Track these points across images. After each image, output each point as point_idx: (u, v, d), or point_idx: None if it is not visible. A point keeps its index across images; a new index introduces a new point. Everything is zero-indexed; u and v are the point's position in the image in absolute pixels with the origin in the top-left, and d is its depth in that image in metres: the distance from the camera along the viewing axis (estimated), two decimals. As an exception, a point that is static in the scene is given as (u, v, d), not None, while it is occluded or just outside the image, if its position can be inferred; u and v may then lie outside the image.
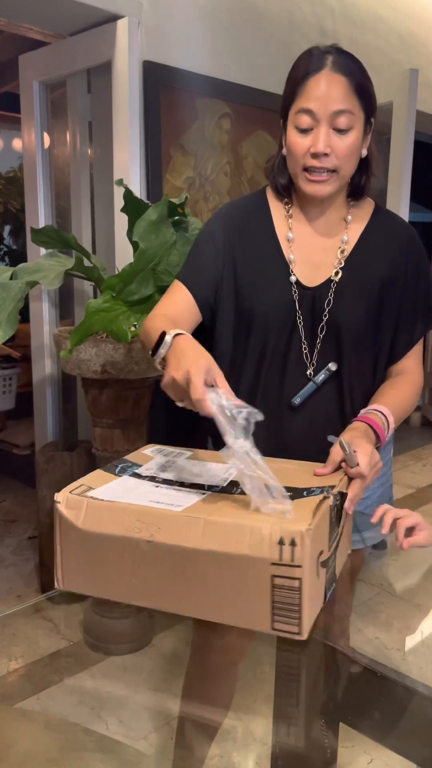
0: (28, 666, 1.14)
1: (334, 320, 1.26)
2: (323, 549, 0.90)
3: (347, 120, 1.16)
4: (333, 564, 0.97)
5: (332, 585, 0.97)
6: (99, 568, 0.94)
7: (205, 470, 1.04)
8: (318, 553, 0.88)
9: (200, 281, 1.28)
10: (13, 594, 2.69)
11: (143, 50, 2.48)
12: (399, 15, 3.62)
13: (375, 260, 1.28)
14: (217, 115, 2.79)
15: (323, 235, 1.29)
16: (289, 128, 1.20)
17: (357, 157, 1.22)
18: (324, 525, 0.91)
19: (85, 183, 2.75)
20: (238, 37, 2.79)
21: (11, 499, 3.73)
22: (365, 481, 1.04)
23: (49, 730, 0.89)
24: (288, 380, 1.27)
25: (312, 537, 0.84)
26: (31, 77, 2.72)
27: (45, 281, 1.87)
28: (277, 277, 1.27)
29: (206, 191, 2.81)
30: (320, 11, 3.14)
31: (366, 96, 1.19)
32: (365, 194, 1.31)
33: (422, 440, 4.91)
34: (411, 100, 2.87)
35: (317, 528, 0.87)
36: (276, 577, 0.85)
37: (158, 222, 1.89)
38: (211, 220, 1.34)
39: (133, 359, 1.99)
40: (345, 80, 1.15)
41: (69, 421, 2.99)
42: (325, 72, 1.15)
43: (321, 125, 1.16)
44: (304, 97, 1.16)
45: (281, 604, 0.85)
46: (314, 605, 0.89)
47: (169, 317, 1.20)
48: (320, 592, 0.91)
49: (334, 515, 0.95)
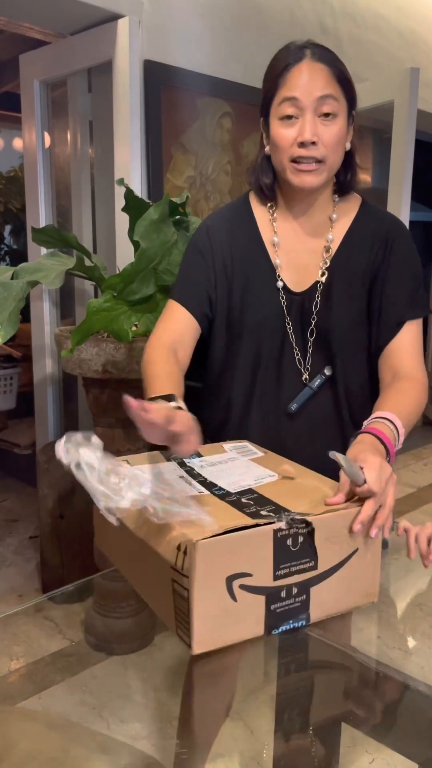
0: (29, 665, 1.14)
1: (322, 323, 1.25)
2: (250, 572, 0.85)
3: (332, 106, 1.15)
4: (302, 599, 0.90)
5: (299, 621, 0.91)
6: (110, 535, 1.04)
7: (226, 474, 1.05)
8: (231, 573, 0.84)
9: (195, 297, 1.27)
10: (14, 593, 2.69)
11: (144, 49, 2.48)
12: (400, 13, 3.62)
13: (359, 258, 1.26)
14: (218, 114, 2.79)
15: (309, 235, 1.28)
16: (273, 121, 1.19)
17: (343, 148, 1.20)
18: (252, 547, 0.85)
19: (86, 182, 2.75)
20: (239, 36, 2.79)
21: (12, 498, 3.73)
22: (380, 498, 0.91)
23: (50, 729, 0.88)
24: (284, 387, 1.27)
25: (207, 551, 0.81)
26: (31, 76, 2.72)
27: (46, 281, 1.87)
28: (265, 283, 1.27)
29: (207, 190, 2.81)
30: (321, 9, 3.14)
31: (347, 84, 1.18)
32: (351, 190, 1.29)
33: (423, 439, 4.90)
34: (412, 99, 2.87)
35: (225, 544, 0.82)
36: (174, 582, 0.85)
37: (159, 221, 1.89)
38: (196, 233, 1.32)
39: (134, 359, 1.99)
40: (326, 68, 1.15)
41: (70, 420, 2.99)
42: (306, 61, 1.15)
43: (306, 113, 1.15)
44: (286, 86, 1.15)
45: (178, 610, 0.85)
46: (218, 626, 0.85)
47: (169, 345, 1.22)
48: (240, 616, 0.86)
49: (290, 543, 0.87)
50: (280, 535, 0.86)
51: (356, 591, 0.95)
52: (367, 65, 3.42)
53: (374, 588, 0.96)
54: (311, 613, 0.91)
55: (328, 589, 0.91)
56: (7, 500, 3.71)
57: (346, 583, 0.93)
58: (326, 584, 0.91)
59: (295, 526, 0.87)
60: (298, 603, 0.90)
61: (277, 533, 0.86)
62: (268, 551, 0.86)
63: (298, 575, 0.89)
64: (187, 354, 1.26)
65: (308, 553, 0.89)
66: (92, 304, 1.89)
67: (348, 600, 0.94)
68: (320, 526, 0.89)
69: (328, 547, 0.90)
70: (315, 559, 0.90)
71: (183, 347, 1.25)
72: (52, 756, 0.81)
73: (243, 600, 0.86)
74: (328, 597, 0.92)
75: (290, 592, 0.89)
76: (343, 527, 0.91)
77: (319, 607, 0.92)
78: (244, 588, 0.86)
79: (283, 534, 0.86)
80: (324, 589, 0.91)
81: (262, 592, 0.87)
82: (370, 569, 0.95)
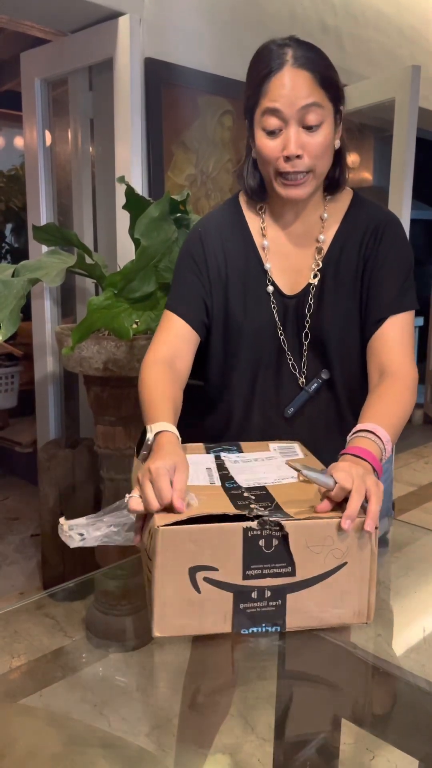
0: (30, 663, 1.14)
1: (316, 326, 1.23)
2: (215, 566, 0.85)
3: (316, 115, 1.10)
4: (276, 603, 0.88)
5: (272, 626, 0.89)
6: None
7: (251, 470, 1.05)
8: (195, 565, 0.84)
9: (191, 306, 1.25)
10: (15, 591, 2.70)
11: (145, 47, 2.47)
12: (401, 11, 3.61)
13: (350, 256, 1.23)
14: (218, 112, 2.79)
15: (301, 237, 1.25)
16: (257, 131, 1.15)
17: (331, 153, 1.17)
18: (219, 542, 0.85)
19: (87, 180, 2.75)
20: (240, 33, 2.79)
21: (13, 496, 3.73)
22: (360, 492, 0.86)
23: (51, 726, 0.89)
24: (283, 391, 1.25)
25: (168, 537, 0.83)
26: (32, 75, 2.72)
27: (47, 279, 1.87)
28: (258, 288, 1.25)
29: (208, 188, 2.81)
30: (322, 7, 3.14)
31: (332, 86, 1.13)
32: (342, 187, 1.25)
33: (424, 438, 4.90)
34: (413, 97, 2.86)
35: (189, 534, 0.84)
36: (146, 566, 0.89)
37: (160, 219, 1.89)
38: (189, 239, 1.29)
39: (135, 356, 1.99)
40: (308, 75, 1.09)
41: (71, 418, 3.00)
42: (287, 68, 1.09)
43: (290, 125, 1.11)
44: (268, 97, 1.11)
45: (149, 593, 0.88)
46: (181, 614, 0.86)
47: (166, 359, 1.19)
48: (205, 609, 0.86)
49: (262, 544, 0.86)
50: (251, 534, 0.85)
51: (345, 608, 0.90)
52: (368, 63, 3.42)
53: (365, 608, 0.90)
54: (288, 620, 0.89)
55: (309, 599, 0.88)
56: (8, 498, 3.71)
57: (332, 597, 0.89)
58: (307, 593, 0.88)
59: (268, 528, 0.85)
60: (272, 607, 0.88)
61: (248, 532, 0.85)
62: (237, 549, 0.85)
63: (271, 578, 0.87)
64: (187, 365, 1.24)
65: (284, 557, 0.87)
66: (93, 301, 1.89)
67: (334, 616, 0.90)
68: (297, 531, 0.86)
69: (309, 555, 0.87)
70: (292, 564, 0.87)
71: (181, 359, 1.22)
72: (53, 753, 0.82)
73: (208, 593, 0.86)
74: (309, 607, 0.89)
75: (262, 594, 0.87)
76: (328, 537, 0.87)
77: (298, 615, 0.89)
78: (209, 581, 0.86)
79: (254, 534, 0.85)
80: (304, 597, 0.88)
81: (229, 589, 0.86)
82: (361, 587, 0.89)
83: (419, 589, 1.23)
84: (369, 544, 0.88)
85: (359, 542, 0.87)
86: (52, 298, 2.84)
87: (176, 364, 1.21)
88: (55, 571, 2.62)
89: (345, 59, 3.26)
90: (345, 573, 0.88)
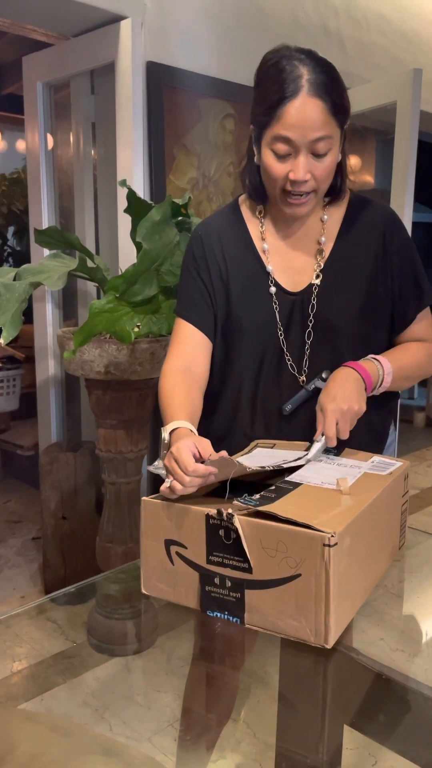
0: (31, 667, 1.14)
1: (318, 325, 1.25)
2: (185, 544, 0.94)
3: (326, 144, 1.12)
4: (236, 596, 0.90)
5: (233, 617, 0.91)
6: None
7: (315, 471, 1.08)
8: (169, 538, 0.95)
9: (199, 311, 1.28)
10: (16, 595, 2.70)
11: (146, 51, 2.48)
12: (403, 14, 3.61)
13: (356, 256, 1.26)
14: (220, 115, 2.79)
15: (302, 240, 1.28)
16: (265, 150, 1.16)
17: (334, 171, 1.19)
18: (188, 522, 0.93)
19: (89, 184, 2.75)
20: (242, 37, 2.79)
21: (15, 499, 3.73)
22: (330, 409, 1.09)
23: (53, 731, 0.88)
24: (284, 389, 1.27)
25: (148, 508, 0.96)
26: (34, 78, 2.73)
27: (48, 282, 1.87)
28: (259, 289, 1.27)
29: (210, 192, 2.81)
30: (324, 11, 3.14)
31: (343, 112, 1.15)
32: (342, 195, 1.27)
33: (427, 441, 4.90)
34: (415, 100, 2.86)
35: (164, 510, 0.95)
36: None
37: (162, 223, 1.89)
38: (191, 243, 1.32)
39: (137, 360, 1.99)
40: (322, 105, 1.10)
41: (72, 421, 2.99)
42: (302, 96, 1.09)
43: (300, 153, 1.13)
44: (280, 124, 1.11)
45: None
46: (161, 579, 0.97)
47: (183, 367, 1.24)
48: (177, 580, 0.95)
49: (222, 534, 0.89)
50: (212, 522, 0.91)
51: (301, 622, 0.86)
52: (369, 66, 3.42)
53: (322, 630, 0.85)
54: (247, 617, 0.90)
55: (266, 602, 0.88)
56: (10, 501, 3.71)
57: (288, 607, 0.87)
58: (264, 594, 0.88)
59: (226, 520, 0.89)
60: (233, 598, 0.91)
61: (209, 519, 0.91)
62: (201, 533, 0.92)
63: (231, 570, 0.91)
64: (204, 369, 1.28)
65: (241, 551, 0.89)
66: (94, 305, 1.89)
67: (291, 627, 0.87)
68: (249, 528, 0.87)
69: (264, 556, 0.87)
70: (247, 561, 0.89)
71: (197, 364, 1.26)
72: (55, 758, 0.81)
73: (179, 567, 0.95)
74: (267, 610, 0.89)
75: (224, 582, 0.91)
76: (280, 542, 0.86)
77: (256, 614, 0.89)
78: (180, 557, 0.95)
79: (214, 522, 0.90)
80: (262, 599, 0.89)
81: (196, 569, 0.93)
82: (317, 606, 0.85)
83: (422, 593, 1.22)
84: (326, 566, 0.83)
85: (315, 560, 0.84)
86: (54, 302, 2.84)
87: (193, 369, 1.25)
88: (57, 574, 2.62)
89: (347, 62, 3.27)
90: (300, 586, 0.85)
